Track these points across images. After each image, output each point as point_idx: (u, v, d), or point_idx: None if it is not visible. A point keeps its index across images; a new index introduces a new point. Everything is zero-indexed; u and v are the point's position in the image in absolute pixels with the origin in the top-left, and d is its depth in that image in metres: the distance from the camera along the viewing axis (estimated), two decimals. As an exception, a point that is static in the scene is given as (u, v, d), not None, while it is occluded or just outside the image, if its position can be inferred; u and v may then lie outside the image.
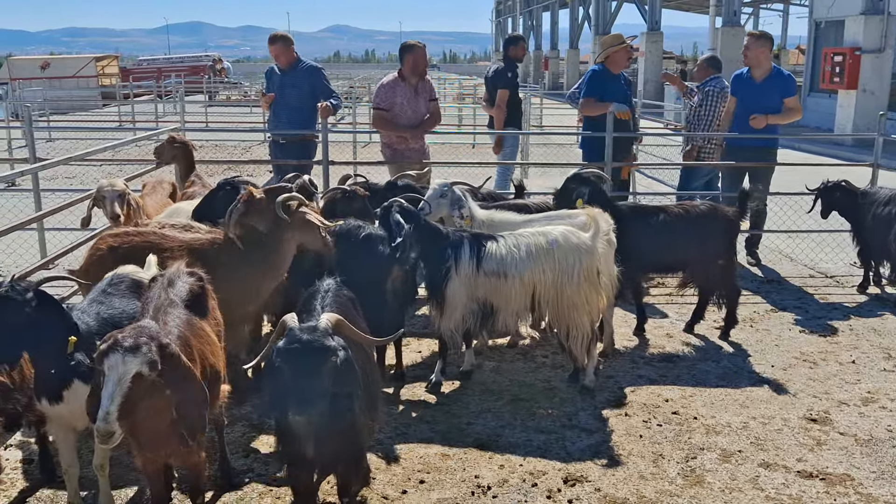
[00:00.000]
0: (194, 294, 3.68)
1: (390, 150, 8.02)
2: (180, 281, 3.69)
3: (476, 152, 17.10)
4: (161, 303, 3.44)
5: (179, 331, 3.32)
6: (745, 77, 8.16)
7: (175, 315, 3.42)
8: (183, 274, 3.78)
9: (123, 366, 2.75)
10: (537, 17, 54.36)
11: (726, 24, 25.05)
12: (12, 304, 3.27)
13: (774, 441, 4.63)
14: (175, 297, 3.53)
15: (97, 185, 5.70)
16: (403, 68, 7.78)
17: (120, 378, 2.74)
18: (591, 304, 5.11)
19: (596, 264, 5.05)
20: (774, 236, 9.15)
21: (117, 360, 2.75)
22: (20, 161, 13.05)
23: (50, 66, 39.26)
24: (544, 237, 5.06)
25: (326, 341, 3.05)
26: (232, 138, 19.34)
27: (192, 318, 3.52)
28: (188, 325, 3.43)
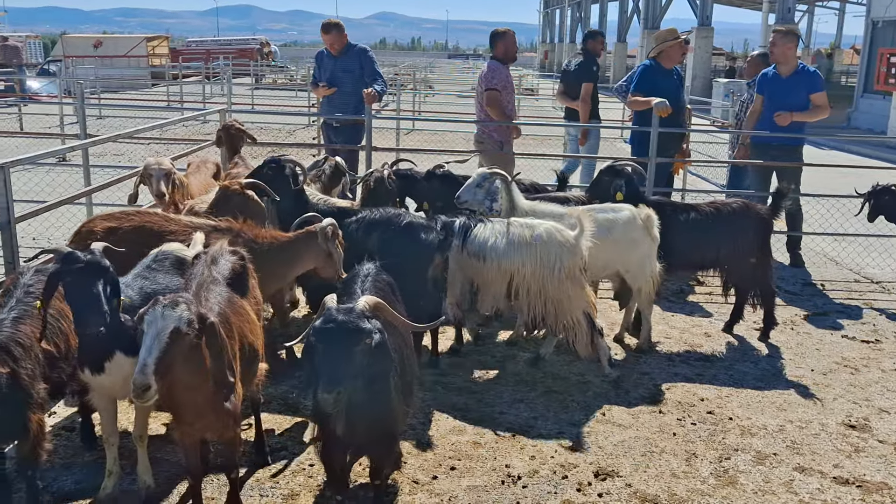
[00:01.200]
0: (236, 272, 3.74)
1: (495, 141, 7.96)
2: (223, 259, 3.75)
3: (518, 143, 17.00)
4: (204, 279, 3.50)
5: (220, 307, 3.37)
6: (772, 75, 7.99)
7: (217, 292, 3.48)
8: (226, 252, 3.83)
9: (162, 320, 2.82)
10: (585, 10, 53.85)
11: (779, 21, 24.56)
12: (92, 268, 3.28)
13: (811, 445, 4.57)
14: (217, 275, 3.59)
15: (144, 163, 5.80)
16: (496, 53, 7.84)
17: (158, 332, 2.80)
18: (574, 300, 5.15)
19: (579, 262, 5.12)
20: (820, 239, 8.98)
21: (156, 315, 2.83)
22: (71, 137, 13.35)
23: (102, 44, 39.96)
24: (531, 230, 5.13)
25: (361, 323, 3.08)
26: (277, 121, 19.52)
27: (233, 296, 3.58)
28: (229, 303, 3.49)
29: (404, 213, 5.23)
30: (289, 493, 3.90)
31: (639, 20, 39.42)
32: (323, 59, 8.42)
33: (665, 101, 7.55)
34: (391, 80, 30.46)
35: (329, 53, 8.36)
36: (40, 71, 33.90)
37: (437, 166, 6.59)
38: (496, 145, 7.95)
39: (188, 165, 7.07)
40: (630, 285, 5.78)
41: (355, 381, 3.10)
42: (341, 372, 3.01)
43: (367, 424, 3.35)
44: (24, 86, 23.62)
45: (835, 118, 22.19)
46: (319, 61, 8.53)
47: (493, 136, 7.96)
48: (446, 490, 3.98)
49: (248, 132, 7.46)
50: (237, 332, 3.40)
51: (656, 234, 5.62)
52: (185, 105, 22.13)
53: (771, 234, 6.38)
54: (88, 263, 3.29)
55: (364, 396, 3.22)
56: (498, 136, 7.97)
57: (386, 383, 3.29)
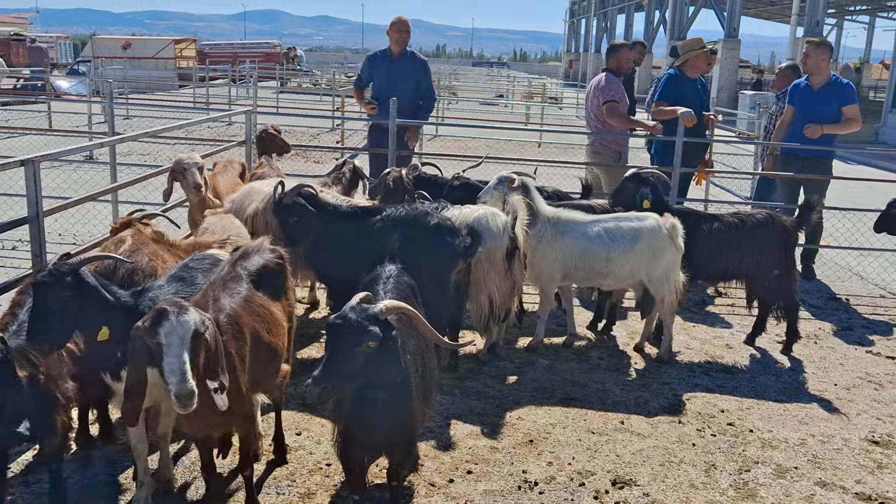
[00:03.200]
0: (268, 270, 3.69)
1: (613, 151, 7.98)
2: (257, 255, 3.71)
3: (542, 151, 17.03)
4: (221, 276, 3.46)
5: (231, 306, 3.29)
6: (803, 86, 7.91)
7: (232, 290, 3.41)
8: (264, 249, 3.80)
9: (181, 327, 2.77)
10: (612, 20, 53.75)
11: (808, 34, 24.36)
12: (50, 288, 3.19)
13: (833, 460, 4.51)
14: (241, 272, 3.54)
15: (175, 159, 5.85)
16: (609, 65, 7.89)
17: (182, 338, 2.76)
18: (487, 284, 5.25)
19: (503, 248, 5.22)
20: (846, 253, 8.88)
21: (172, 324, 2.77)
22: (99, 135, 13.52)
23: (131, 46, 40.45)
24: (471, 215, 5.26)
25: (367, 324, 3.03)
26: (301, 124, 19.63)
27: (252, 295, 3.48)
28: (244, 301, 3.40)
29: (433, 213, 5.20)
30: (305, 492, 3.91)
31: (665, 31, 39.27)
32: (377, 62, 8.20)
33: (691, 111, 7.52)
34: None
35: (386, 55, 8.15)
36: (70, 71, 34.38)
37: (455, 177, 6.66)
38: (614, 156, 7.95)
39: (214, 165, 7.14)
40: (653, 294, 5.75)
41: (349, 381, 3.07)
42: (335, 368, 3.00)
43: (386, 425, 3.35)
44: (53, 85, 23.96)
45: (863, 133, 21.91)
46: (372, 63, 8.28)
47: (610, 148, 7.97)
48: (462, 494, 3.97)
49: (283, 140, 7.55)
50: (249, 332, 3.32)
51: (681, 244, 5.59)
52: (210, 106, 22.34)
53: (795, 246, 6.32)
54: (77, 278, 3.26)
55: (383, 397, 3.22)
56: (616, 147, 7.99)
57: (406, 385, 3.29)
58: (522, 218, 5.29)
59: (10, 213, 7.76)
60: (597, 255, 5.60)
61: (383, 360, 3.09)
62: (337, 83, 27.55)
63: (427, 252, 4.86)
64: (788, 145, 7.94)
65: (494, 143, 16.71)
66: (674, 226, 5.56)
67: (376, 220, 5.19)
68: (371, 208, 5.47)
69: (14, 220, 4.55)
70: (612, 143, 7.96)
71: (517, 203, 5.32)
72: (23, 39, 38.49)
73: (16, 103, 22.12)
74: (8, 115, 19.99)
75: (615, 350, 6.07)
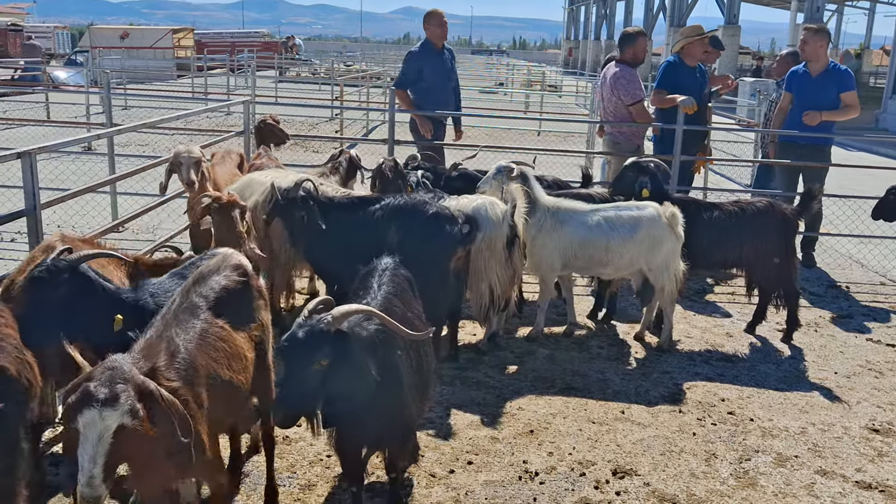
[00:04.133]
0: (230, 292, 3.24)
1: (633, 144, 7.93)
2: (216, 277, 3.26)
3: (541, 140, 16.99)
4: (173, 309, 3.03)
5: (185, 350, 2.88)
6: (801, 72, 7.88)
7: (187, 326, 2.99)
8: (225, 267, 3.34)
9: (102, 422, 2.39)
10: (611, 6, 53.49)
11: (808, 21, 24.26)
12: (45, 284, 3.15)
13: (833, 449, 4.51)
14: (198, 300, 3.10)
15: (174, 152, 5.83)
16: (625, 56, 7.75)
17: (100, 436, 2.39)
18: (488, 273, 5.26)
19: (503, 237, 5.23)
20: (846, 240, 8.86)
21: (93, 416, 2.38)
22: (97, 126, 13.48)
23: (129, 36, 40.27)
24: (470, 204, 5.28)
25: (318, 341, 2.94)
26: (300, 113, 19.59)
27: (209, 327, 3.05)
28: (200, 339, 2.98)
29: (431, 201, 5.19)
30: (306, 484, 3.91)
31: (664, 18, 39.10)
32: (426, 56, 8.04)
33: (691, 99, 7.48)
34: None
35: (431, 49, 8.03)
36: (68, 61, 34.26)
37: (453, 166, 6.64)
38: (633, 148, 7.89)
39: (213, 156, 7.10)
40: (653, 283, 5.74)
41: (311, 400, 2.99)
42: (294, 391, 2.94)
43: (379, 420, 3.33)
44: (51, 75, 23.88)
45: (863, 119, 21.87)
46: (421, 59, 8.05)
47: (632, 141, 7.91)
48: (463, 484, 3.97)
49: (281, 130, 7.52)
50: (204, 376, 2.91)
51: (680, 233, 5.58)
52: (209, 97, 22.27)
53: (796, 234, 6.31)
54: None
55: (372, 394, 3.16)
56: (636, 140, 7.95)
57: (396, 379, 3.25)
58: (521, 206, 5.28)
59: (9, 204, 7.74)
60: (596, 244, 5.59)
61: (344, 370, 2.99)
62: (336, 72, 27.45)
63: (425, 241, 4.86)
64: (787, 133, 7.91)
65: (494, 131, 16.66)
66: (673, 214, 5.54)
67: (373, 211, 5.17)
68: (367, 198, 5.44)
69: (11, 213, 4.53)
70: (632, 137, 7.90)
71: (516, 191, 5.31)
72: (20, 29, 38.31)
73: (13, 94, 22.04)
74: (5, 105, 19.93)
75: (615, 339, 6.07)
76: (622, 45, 7.80)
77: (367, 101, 21.63)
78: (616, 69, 7.72)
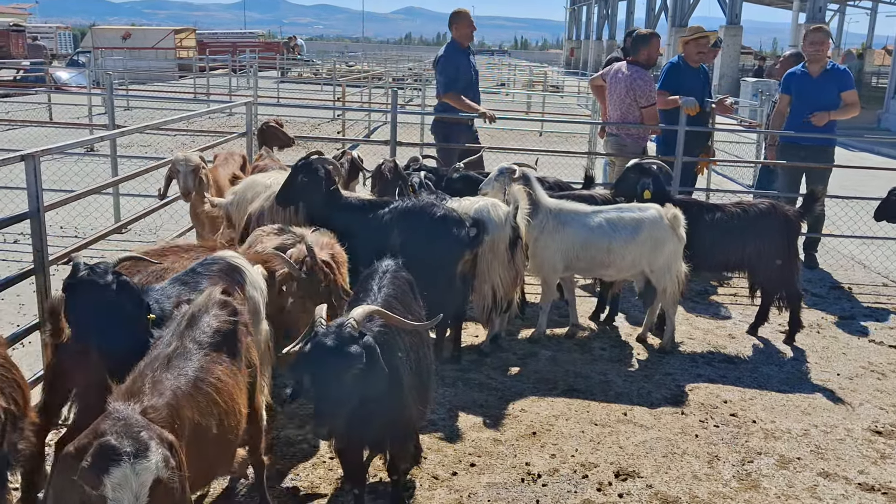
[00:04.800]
0: (222, 334, 2.99)
1: (640, 145, 7.92)
2: (207, 318, 3.00)
3: (543, 140, 16.99)
4: (166, 354, 2.74)
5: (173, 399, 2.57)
6: (800, 73, 7.87)
7: (179, 371, 2.71)
8: (213, 305, 3.07)
9: (136, 478, 2.09)
10: (613, 6, 53.48)
11: (810, 21, 24.24)
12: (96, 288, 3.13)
13: (836, 451, 4.51)
14: (191, 345, 2.84)
15: (173, 158, 5.85)
16: (638, 57, 7.66)
17: (137, 496, 2.09)
18: (490, 274, 5.27)
19: (506, 238, 5.22)
20: (848, 241, 8.86)
21: (125, 474, 2.08)
22: (99, 127, 13.49)
23: (131, 36, 40.28)
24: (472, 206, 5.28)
25: (348, 348, 2.93)
26: (302, 114, 19.59)
27: (202, 375, 2.78)
28: (193, 387, 2.70)
29: (438, 204, 5.21)
30: (309, 486, 3.92)
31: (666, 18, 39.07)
32: (460, 57, 7.87)
33: (693, 99, 7.48)
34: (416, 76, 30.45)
35: (460, 50, 7.90)
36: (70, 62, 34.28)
37: (454, 168, 6.64)
38: (640, 149, 7.86)
39: (215, 157, 7.13)
40: (655, 285, 5.74)
41: (348, 408, 3.00)
42: (331, 403, 2.93)
43: (379, 423, 3.34)
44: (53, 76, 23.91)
45: (865, 119, 21.89)
46: (458, 59, 7.87)
47: (639, 143, 7.88)
48: (466, 486, 3.98)
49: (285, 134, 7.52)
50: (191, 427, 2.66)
51: (682, 234, 5.59)
52: (211, 97, 22.29)
53: (798, 236, 6.30)
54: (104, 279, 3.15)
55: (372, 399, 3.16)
56: (642, 142, 7.94)
57: (396, 382, 3.25)
58: (524, 208, 5.29)
59: (11, 205, 7.75)
60: (598, 245, 5.59)
61: (370, 373, 2.99)
62: (338, 73, 27.46)
63: (433, 243, 4.87)
64: (789, 134, 7.90)
65: (495, 132, 16.65)
66: (675, 216, 5.55)
67: (382, 213, 5.18)
68: (376, 201, 5.46)
69: (15, 216, 4.53)
70: (639, 139, 7.88)
71: (518, 193, 5.31)
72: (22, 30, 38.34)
73: (16, 95, 22.07)
74: (8, 106, 19.96)
75: (617, 341, 6.07)
76: (636, 46, 7.67)
77: (369, 102, 21.64)
78: (630, 70, 7.61)
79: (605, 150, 8.40)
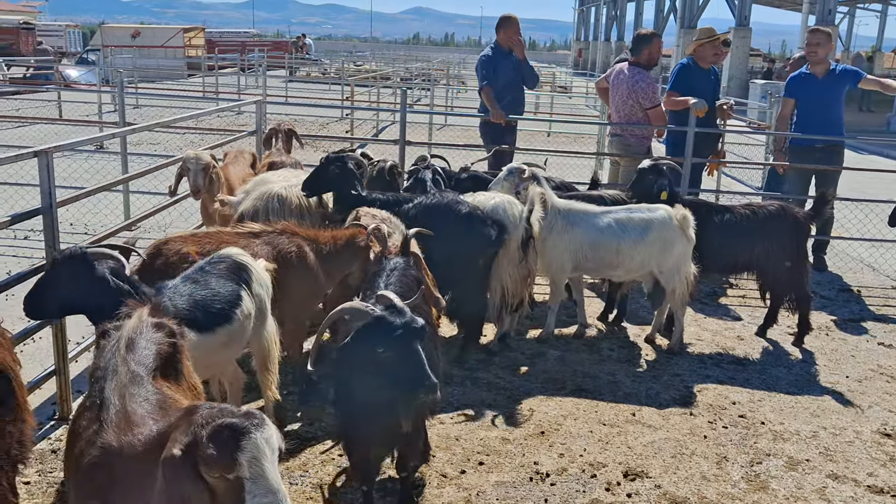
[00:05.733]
0: (163, 358, 2.70)
1: (645, 145, 7.96)
2: (143, 340, 2.66)
3: (551, 141, 16.98)
4: (122, 381, 2.42)
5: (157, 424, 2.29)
6: (804, 76, 7.85)
7: (142, 398, 2.41)
8: (147, 328, 2.74)
9: (272, 442, 2.02)
10: (621, 8, 53.39)
11: (820, 23, 24.16)
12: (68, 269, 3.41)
13: (845, 453, 4.50)
14: (138, 369, 2.51)
15: (184, 156, 5.87)
16: (640, 58, 7.71)
17: (273, 463, 2.01)
18: (501, 273, 5.31)
19: (518, 238, 5.25)
20: (857, 244, 8.83)
21: (260, 442, 1.97)
22: (109, 125, 13.54)
23: (140, 35, 40.36)
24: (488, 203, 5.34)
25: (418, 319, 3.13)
26: (311, 113, 19.63)
27: (164, 398, 2.49)
28: (160, 411, 2.40)
29: (463, 201, 5.28)
30: (318, 483, 3.93)
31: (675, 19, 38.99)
32: (500, 60, 7.95)
33: (703, 101, 7.47)
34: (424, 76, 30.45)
35: (503, 53, 7.95)
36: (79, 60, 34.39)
37: (462, 169, 6.65)
38: (644, 149, 7.88)
39: (225, 156, 7.15)
40: (664, 286, 5.74)
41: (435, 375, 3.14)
42: (426, 369, 3.05)
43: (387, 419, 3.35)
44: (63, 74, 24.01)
45: (874, 122, 21.81)
46: (496, 62, 7.95)
47: (643, 143, 7.91)
48: (474, 485, 3.98)
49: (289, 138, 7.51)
50: None
51: (692, 235, 5.58)
52: (220, 96, 22.34)
53: (808, 238, 6.29)
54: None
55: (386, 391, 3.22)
56: (647, 142, 7.97)
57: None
58: (538, 209, 5.30)
59: (22, 202, 7.79)
60: (607, 246, 5.59)
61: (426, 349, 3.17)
62: (346, 72, 27.49)
63: (459, 240, 4.93)
64: (795, 135, 7.88)
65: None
66: (685, 217, 5.54)
67: (407, 209, 5.22)
68: (401, 196, 5.50)
69: (28, 211, 4.55)
70: (644, 139, 7.90)
71: (535, 194, 5.32)
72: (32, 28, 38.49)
73: (26, 92, 22.17)
74: (18, 104, 20.04)
75: (626, 341, 6.07)
76: (637, 47, 7.73)
77: (377, 102, 21.65)
78: (631, 72, 7.65)
79: (608, 150, 8.41)
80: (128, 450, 2.19)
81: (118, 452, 2.20)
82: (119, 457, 2.19)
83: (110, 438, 2.23)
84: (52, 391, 4.60)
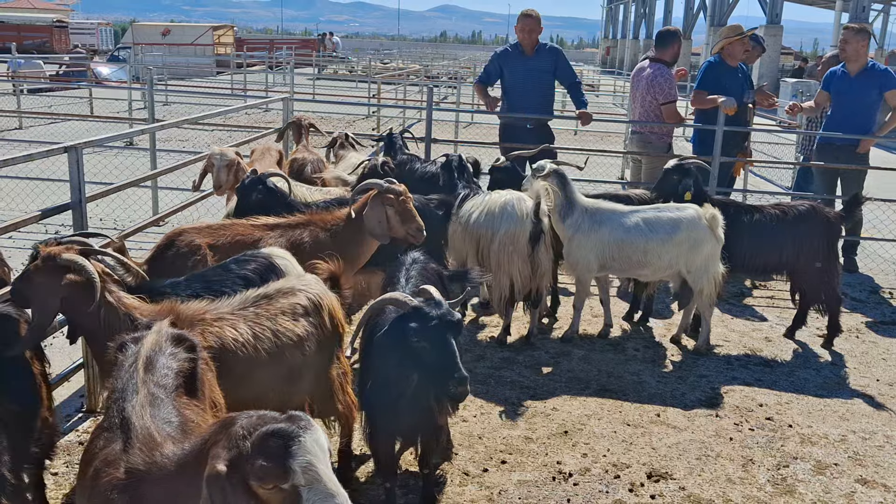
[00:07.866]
0: (184, 375, 2.57)
1: (665, 143, 7.93)
2: (163, 358, 2.54)
3: (578, 139, 16.89)
4: (141, 402, 2.31)
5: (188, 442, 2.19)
6: (840, 73, 7.72)
7: (162, 418, 2.32)
8: (167, 344, 2.60)
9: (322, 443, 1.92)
10: (650, 5, 52.97)
11: (853, 20, 23.77)
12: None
13: (874, 458, 4.43)
14: (157, 391, 2.40)
15: (209, 153, 5.92)
16: (664, 55, 7.71)
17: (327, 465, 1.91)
18: (509, 266, 5.37)
19: (526, 232, 5.32)
20: (889, 245, 8.68)
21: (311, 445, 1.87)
22: (139, 121, 13.69)
23: (170, 32, 40.77)
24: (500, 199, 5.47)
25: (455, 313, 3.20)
26: (338, 111, 19.69)
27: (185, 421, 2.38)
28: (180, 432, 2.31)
29: None
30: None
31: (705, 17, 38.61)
32: (509, 58, 7.77)
33: (732, 100, 7.39)
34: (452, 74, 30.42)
35: (517, 51, 7.73)
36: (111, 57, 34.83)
37: (497, 161, 6.64)
38: (664, 147, 7.86)
39: (252, 152, 7.20)
40: (691, 286, 5.68)
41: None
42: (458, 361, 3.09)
43: (411, 412, 3.38)
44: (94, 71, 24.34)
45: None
46: (503, 60, 7.80)
47: (664, 140, 7.88)
48: (496, 483, 3.97)
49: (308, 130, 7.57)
50: None
51: (720, 235, 5.52)
52: (248, 93, 22.49)
53: (839, 239, 6.20)
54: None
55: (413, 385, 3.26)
56: (668, 139, 7.94)
57: None
58: (545, 202, 5.35)
59: (53, 197, 7.89)
60: (634, 245, 5.55)
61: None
62: (373, 70, 27.54)
63: None
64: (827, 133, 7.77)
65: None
66: (714, 216, 5.48)
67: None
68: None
69: (58, 206, 4.62)
70: (664, 136, 7.85)
71: (539, 188, 5.37)
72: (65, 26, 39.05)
73: (58, 89, 22.48)
74: (50, 101, 20.33)
75: (651, 341, 6.02)
76: (663, 44, 7.74)
77: (404, 99, 21.67)
78: (652, 68, 7.66)
79: (628, 147, 8.36)
80: (157, 471, 2.10)
81: (145, 475, 2.11)
82: (146, 480, 2.10)
83: (136, 461, 2.13)
84: (80, 384, 4.66)
